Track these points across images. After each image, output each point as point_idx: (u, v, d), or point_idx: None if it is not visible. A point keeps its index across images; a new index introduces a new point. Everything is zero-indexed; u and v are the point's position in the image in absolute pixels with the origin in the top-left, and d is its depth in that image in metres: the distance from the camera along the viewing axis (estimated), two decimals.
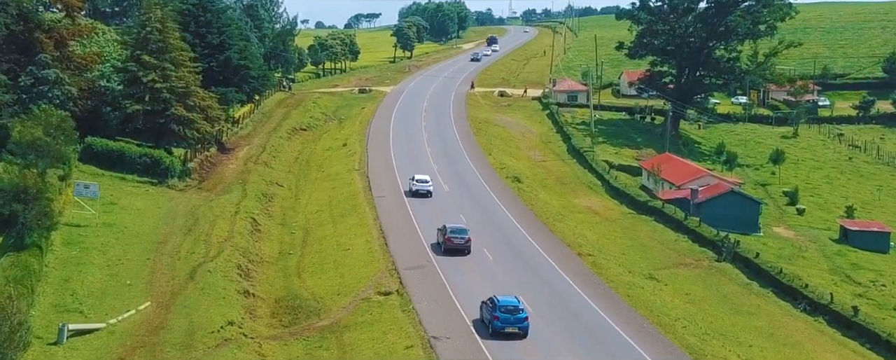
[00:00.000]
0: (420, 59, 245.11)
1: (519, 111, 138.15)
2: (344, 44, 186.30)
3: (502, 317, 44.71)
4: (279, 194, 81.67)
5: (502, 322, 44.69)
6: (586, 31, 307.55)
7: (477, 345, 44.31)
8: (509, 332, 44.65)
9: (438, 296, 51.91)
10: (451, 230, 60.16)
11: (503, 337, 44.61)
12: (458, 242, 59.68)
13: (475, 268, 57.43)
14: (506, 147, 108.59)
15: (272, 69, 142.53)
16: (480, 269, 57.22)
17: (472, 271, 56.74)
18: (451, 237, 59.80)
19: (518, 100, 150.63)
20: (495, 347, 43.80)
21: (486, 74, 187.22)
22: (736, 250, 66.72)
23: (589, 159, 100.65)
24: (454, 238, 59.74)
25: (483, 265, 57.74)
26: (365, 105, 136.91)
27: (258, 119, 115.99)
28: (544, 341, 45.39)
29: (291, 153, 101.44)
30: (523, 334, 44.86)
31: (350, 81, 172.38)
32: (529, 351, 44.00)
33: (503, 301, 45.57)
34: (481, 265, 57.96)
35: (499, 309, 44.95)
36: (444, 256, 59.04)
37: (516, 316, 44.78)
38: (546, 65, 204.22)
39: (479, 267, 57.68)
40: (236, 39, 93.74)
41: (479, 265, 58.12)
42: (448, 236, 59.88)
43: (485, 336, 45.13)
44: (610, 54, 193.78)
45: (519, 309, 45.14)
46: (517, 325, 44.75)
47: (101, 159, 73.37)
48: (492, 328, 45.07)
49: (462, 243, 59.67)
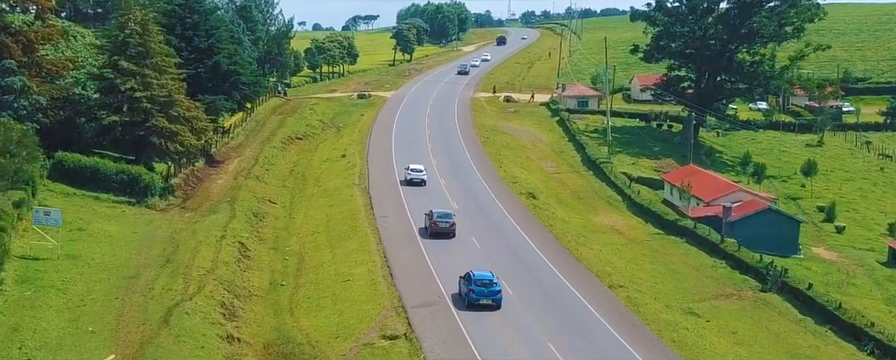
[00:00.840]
0: (420, 61, 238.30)
1: (527, 118, 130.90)
2: (342, 47, 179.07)
3: (477, 290, 48.49)
4: (272, 212, 74.31)
5: (477, 295, 48.45)
6: (589, 33, 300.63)
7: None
8: (484, 304, 48.47)
9: (454, 343, 44.54)
10: (437, 215, 63.78)
11: (478, 308, 48.27)
12: (442, 225, 63.10)
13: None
14: (516, 158, 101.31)
15: (267, 74, 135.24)
16: (502, 309, 49.81)
17: (493, 311, 49.51)
18: (436, 221, 63.21)
19: (525, 106, 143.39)
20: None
21: (490, 79, 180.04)
22: (783, 279, 59.36)
23: (606, 172, 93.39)
24: (439, 222, 63.18)
25: (504, 304, 50.28)
26: (364, 112, 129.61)
27: (251, 128, 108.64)
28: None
29: (286, 165, 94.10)
30: (497, 305, 48.66)
31: (349, 86, 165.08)
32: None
33: (479, 276, 49.36)
34: (502, 303, 50.56)
35: (474, 283, 48.69)
36: (466, 308, 50.55)
37: (490, 289, 48.69)
38: (552, 68, 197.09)
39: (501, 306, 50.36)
40: (226, 43, 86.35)
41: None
42: (434, 221, 63.27)
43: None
44: (618, 58, 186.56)
45: (493, 283, 49.08)
46: (491, 297, 48.66)
47: (73, 177, 65.93)
48: (467, 301, 48.81)
49: (447, 226, 63.14)
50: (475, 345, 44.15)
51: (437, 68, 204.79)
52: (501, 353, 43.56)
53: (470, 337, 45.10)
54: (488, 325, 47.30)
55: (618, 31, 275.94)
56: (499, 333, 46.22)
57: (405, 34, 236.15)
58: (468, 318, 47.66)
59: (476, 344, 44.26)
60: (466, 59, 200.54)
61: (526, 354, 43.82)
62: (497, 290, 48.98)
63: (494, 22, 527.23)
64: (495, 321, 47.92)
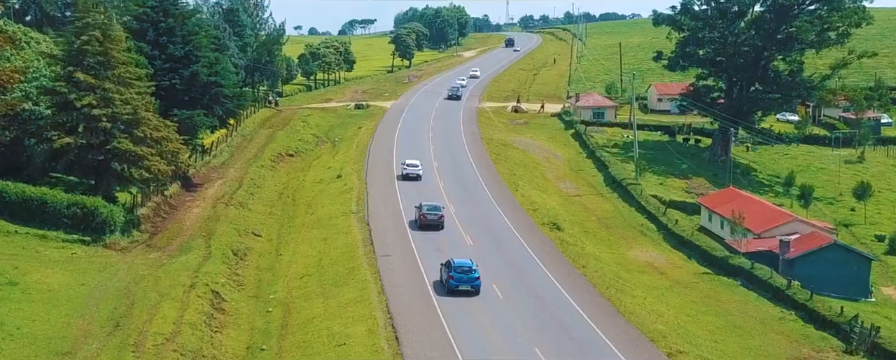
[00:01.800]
0: (420, 68, 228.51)
1: (539, 131, 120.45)
2: (338, 52, 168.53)
3: (457, 276, 50.24)
4: (255, 248, 63.73)
5: (457, 281, 50.21)
6: (593, 38, 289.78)
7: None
8: (463, 290, 50.17)
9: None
10: (426, 208, 65.46)
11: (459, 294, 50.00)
12: (431, 218, 64.81)
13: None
14: (531, 177, 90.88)
15: (257, 83, 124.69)
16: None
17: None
18: (425, 214, 64.95)
19: (535, 116, 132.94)
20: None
21: (495, 87, 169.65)
22: (875, 339, 48.85)
23: (635, 194, 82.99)
24: (428, 215, 64.92)
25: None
26: (362, 124, 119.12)
27: (237, 144, 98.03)
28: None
29: (274, 187, 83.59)
30: (476, 291, 50.36)
31: (345, 95, 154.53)
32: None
33: (458, 263, 51.25)
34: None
35: (454, 270, 50.53)
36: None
37: (469, 276, 50.45)
38: (559, 75, 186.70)
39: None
40: (206, 50, 75.67)
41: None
42: (423, 214, 65.01)
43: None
44: (629, 64, 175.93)
45: (472, 270, 50.74)
46: (470, 284, 50.37)
47: (16, 211, 55.31)
48: (448, 287, 50.57)
49: (436, 219, 64.92)
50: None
51: (437, 76, 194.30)
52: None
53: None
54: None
55: (622, 36, 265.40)
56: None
57: (404, 39, 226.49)
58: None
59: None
60: (456, 83, 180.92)
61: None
62: (476, 276, 50.74)
63: (492, 26, 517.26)
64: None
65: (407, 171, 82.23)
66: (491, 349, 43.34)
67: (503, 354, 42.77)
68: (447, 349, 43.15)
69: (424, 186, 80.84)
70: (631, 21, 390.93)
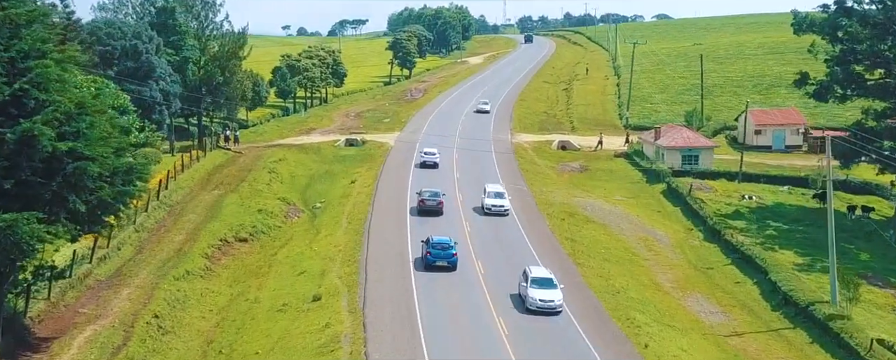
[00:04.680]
0: (422, 78, 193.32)
1: (609, 183, 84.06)
2: (324, 64, 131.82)
3: (434, 253, 51.51)
4: None
5: (433, 257, 51.45)
6: (607, 41, 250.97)
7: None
8: (439, 265, 51.14)
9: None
10: (428, 194, 65.49)
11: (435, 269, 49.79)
12: (430, 203, 64.44)
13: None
14: (638, 286, 54.31)
15: (209, 110, 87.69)
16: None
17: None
18: (424, 199, 64.72)
19: (593, 157, 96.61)
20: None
21: (523, 108, 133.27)
22: None
23: (852, 342, 45.76)
24: (428, 201, 64.62)
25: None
26: (356, 174, 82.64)
27: (151, 227, 61.08)
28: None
29: (200, 325, 47.05)
30: (452, 267, 51.39)
31: (333, 121, 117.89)
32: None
33: (436, 240, 52.63)
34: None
35: (432, 246, 51.77)
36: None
37: (447, 252, 51.62)
38: (600, 92, 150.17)
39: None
40: (55, 89, 38.14)
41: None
42: (422, 199, 64.87)
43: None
44: (676, 80, 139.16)
45: (449, 246, 51.98)
46: (447, 259, 51.45)
47: None
48: (425, 262, 51.62)
49: (434, 204, 64.52)
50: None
51: (448, 91, 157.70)
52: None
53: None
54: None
55: (654, 41, 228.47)
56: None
57: (404, 45, 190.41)
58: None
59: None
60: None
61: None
62: (452, 252, 51.66)
63: (490, 28, 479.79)
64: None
65: (425, 159, 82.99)
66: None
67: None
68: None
69: (464, 299, 44.60)
70: (650, 23, 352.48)
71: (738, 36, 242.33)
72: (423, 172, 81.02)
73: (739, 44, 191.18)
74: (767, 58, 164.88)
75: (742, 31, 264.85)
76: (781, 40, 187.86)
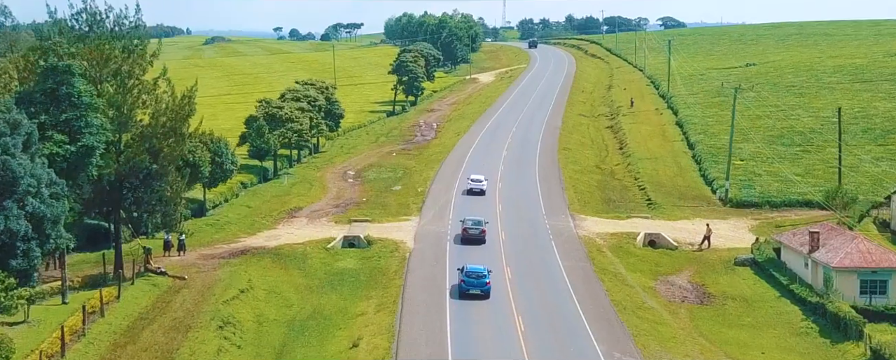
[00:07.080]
0: (431, 104, 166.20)
1: (756, 333, 53.59)
2: (314, 108, 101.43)
3: (468, 281, 52.66)
4: None
5: (467, 285, 52.52)
6: (627, 54, 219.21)
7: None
8: (473, 293, 52.31)
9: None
10: (471, 222, 65.93)
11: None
12: (473, 232, 64.99)
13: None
14: None
15: (140, 223, 56.69)
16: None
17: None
18: (467, 228, 65.39)
19: (701, 262, 66.12)
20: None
21: (570, 165, 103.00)
22: None
23: None
24: (470, 230, 65.18)
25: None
26: (359, 324, 51.93)
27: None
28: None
29: None
30: (486, 295, 52.42)
31: (324, 192, 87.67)
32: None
33: (471, 269, 53.72)
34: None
35: (466, 275, 53.10)
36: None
37: (480, 281, 52.72)
38: (657, 133, 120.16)
39: None
40: None
41: None
42: (465, 228, 65.52)
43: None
44: (753, 123, 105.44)
45: (483, 275, 53.05)
46: (480, 288, 52.56)
47: None
48: (459, 291, 52.80)
49: (477, 234, 64.96)
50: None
51: (469, 130, 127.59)
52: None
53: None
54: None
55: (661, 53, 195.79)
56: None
57: (410, 67, 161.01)
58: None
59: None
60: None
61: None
62: (486, 281, 52.90)
63: (489, 31, 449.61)
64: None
65: (471, 186, 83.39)
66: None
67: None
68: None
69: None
70: (678, 31, 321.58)
71: (787, 52, 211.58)
72: (468, 309, 50.75)
73: (809, 67, 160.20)
74: (855, 87, 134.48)
75: (788, 46, 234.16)
76: (857, 62, 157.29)
